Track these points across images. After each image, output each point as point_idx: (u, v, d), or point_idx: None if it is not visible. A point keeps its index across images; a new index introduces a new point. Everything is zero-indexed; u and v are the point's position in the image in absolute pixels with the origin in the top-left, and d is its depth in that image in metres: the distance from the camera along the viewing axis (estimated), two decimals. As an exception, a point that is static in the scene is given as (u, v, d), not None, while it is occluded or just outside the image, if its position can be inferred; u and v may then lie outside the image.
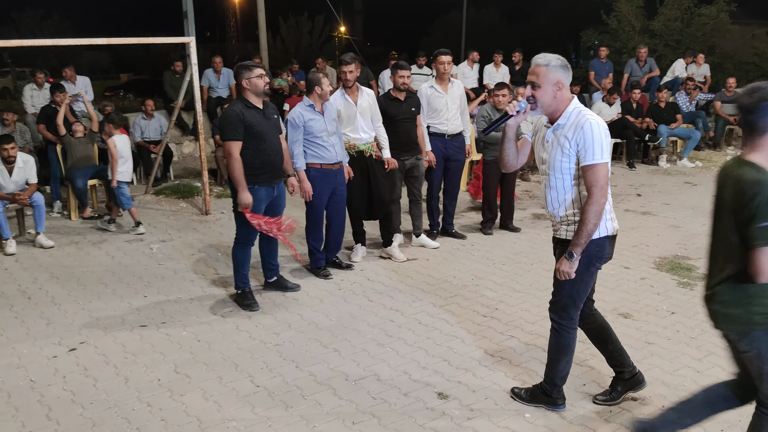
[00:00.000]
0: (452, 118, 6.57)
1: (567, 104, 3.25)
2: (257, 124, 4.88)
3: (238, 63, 5.10)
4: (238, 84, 4.96)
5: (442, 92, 6.51)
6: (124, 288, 5.59)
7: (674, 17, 16.90)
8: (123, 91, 29.08)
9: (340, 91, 5.85)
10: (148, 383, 3.96)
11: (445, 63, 6.45)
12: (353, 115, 5.81)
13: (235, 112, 4.85)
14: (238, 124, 4.82)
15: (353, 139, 5.85)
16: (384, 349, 4.39)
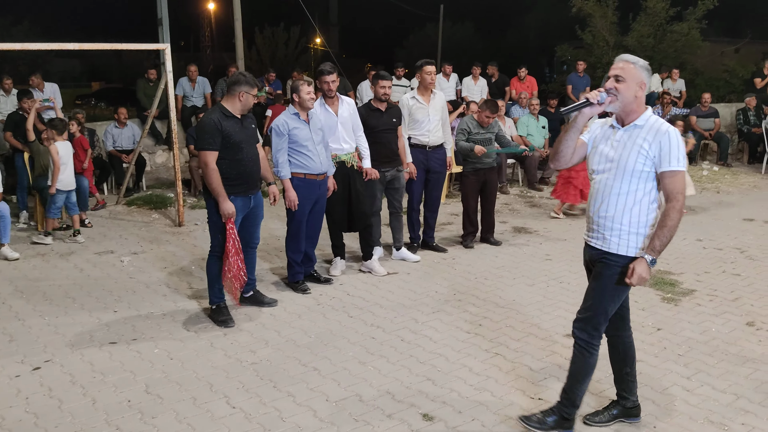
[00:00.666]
0: (434, 130, 6.46)
1: (643, 108, 3.15)
2: (234, 134, 4.72)
3: (240, 72, 4.97)
4: (232, 91, 4.75)
5: (424, 103, 6.41)
6: (92, 302, 5.36)
7: (647, 33, 17.10)
8: (94, 99, 28.64)
9: (320, 101, 5.71)
10: (117, 405, 3.75)
11: (431, 73, 6.36)
12: (334, 126, 5.67)
13: (213, 120, 4.68)
14: (215, 134, 4.65)
15: (335, 149, 5.70)
16: (366, 367, 4.22)
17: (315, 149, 5.39)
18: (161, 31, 11.38)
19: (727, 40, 27.57)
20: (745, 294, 5.54)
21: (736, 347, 4.50)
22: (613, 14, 17.23)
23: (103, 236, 7.35)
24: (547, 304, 5.31)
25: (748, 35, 24.30)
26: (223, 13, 39.46)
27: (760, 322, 4.94)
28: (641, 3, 17.14)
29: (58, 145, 7.10)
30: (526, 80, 12.43)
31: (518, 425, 3.52)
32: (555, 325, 4.88)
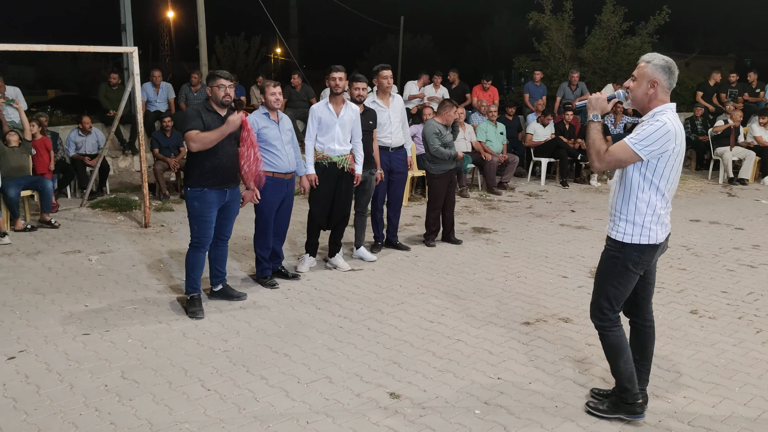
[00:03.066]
0: (395, 132, 6.71)
1: (658, 105, 3.28)
2: (213, 126, 4.89)
3: (212, 70, 5.19)
4: (208, 88, 4.99)
5: (384, 106, 6.65)
6: (63, 298, 5.43)
7: (601, 47, 17.65)
8: (50, 107, 28.19)
9: (324, 100, 5.96)
10: (94, 389, 3.87)
11: (387, 77, 6.61)
12: (332, 125, 5.88)
13: (195, 109, 5.00)
14: (196, 117, 4.89)
15: (328, 150, 5.90)
16: (334, 353, 4.42)
17: (283, 149, 5.58)
18: (125, 36, 11.43)
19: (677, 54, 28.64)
20: (689, 286, 5.89)
21: (680, 332, 4.82)
22: (569, 27, 17.76)
23: (69, 237, 7.39)
24: (506, 297, 5.58)
25: (696, 50, 25.24)
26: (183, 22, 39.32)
27: (702, 310, 5.28)
28: (596, 17, 17.71)
29: None
30: (490, 90, 12.79)
31: (477, 401, 3.76)
32: (513, 315, 5.15)
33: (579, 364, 4.28)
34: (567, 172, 11.32)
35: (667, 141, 3.20)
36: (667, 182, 3.31)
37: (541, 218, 8.70)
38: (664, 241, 3.41)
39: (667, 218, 3.39)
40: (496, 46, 42.87)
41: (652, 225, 3.33)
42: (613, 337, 3.53)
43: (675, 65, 3.29)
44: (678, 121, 3.29)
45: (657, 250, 3.39)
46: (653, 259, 3.43)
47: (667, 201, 3.35)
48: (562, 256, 6.83)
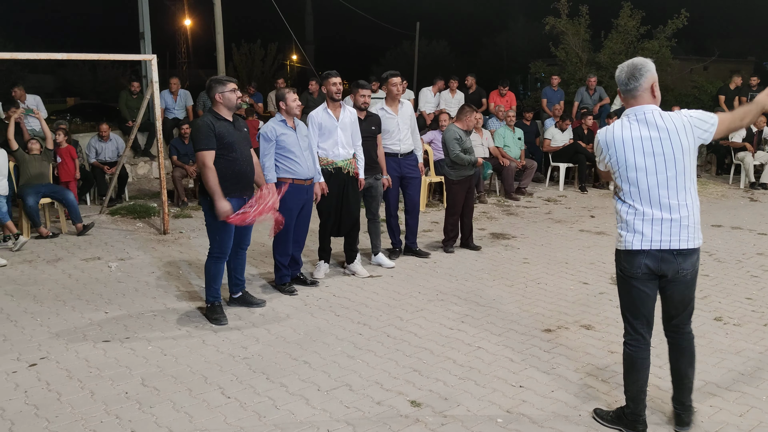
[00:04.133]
0: (404, 138, 6.71)
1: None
2: (228, 135, 4.89)
3: (210, 78, 5.11)
4: (211, 98, 4.95)
5: (392, 113, 6.65)
6: (83, 305, 5.46)
7: (619, 51, 17.53)
8: (70, 114, 28.50)
9: (323, 105, 5.94)
10: (115, 396, 3.87)
11: (397, 84, 6.61)
12: (333, 130, 5.87)
13: (206, 122, 4.86)
14: (209, 134, 4.82)
15: (332, 155, 5.89)
16: (354, 360, 4.39)
17: (302, 155, 5.58)
18: (143, 44, 11.52)
19: (695, 58, 28.41)
20: (713, 293, 5.80)
21: (705, 339, 4.73)
22: (586, 32, 17.66)
23: (89, 244, 7.43)
24: (526, 303, 5.52)
25: (715, 53, 24.99)
26: (200, 30, 39.64)
27: (726, 317, 5.19)
28: (613, 21, 17.60)
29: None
30: (507, 95, 12.74)
31: (499, 409, 3.72)
32: (534, 322, 5.10)
33: (601, 372, 4.22)
34: (586, 177, 11.24)
35: (599, 151, 3.32)
36: (628, 189, 3.23)
37: (561, 224, 8.63)
38: (653, 251, 3.21)
39: (644, 226, 3.20)
40: (512, 51, 42.81)
41: (621, 231, 3.30)
42: (626, 351, 3.48)
43: (625, 65, 3.23)
44: (622, 125, 3.22)
45: (637, 258, 3.24)
46: (636, 267, 3.25)
47: (633, 208, 3.22)
48: (582, 262, 6.77)
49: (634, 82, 3.17)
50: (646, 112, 3.19)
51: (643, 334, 3.41)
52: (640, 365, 3.43)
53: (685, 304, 3.38)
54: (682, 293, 3.34)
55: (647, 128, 3.17)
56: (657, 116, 3.18)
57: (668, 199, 3.18)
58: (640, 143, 3.17)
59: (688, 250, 3.23)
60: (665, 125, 3.15)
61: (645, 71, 3.18)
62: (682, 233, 3.20)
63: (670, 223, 3.18)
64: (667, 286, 3.33)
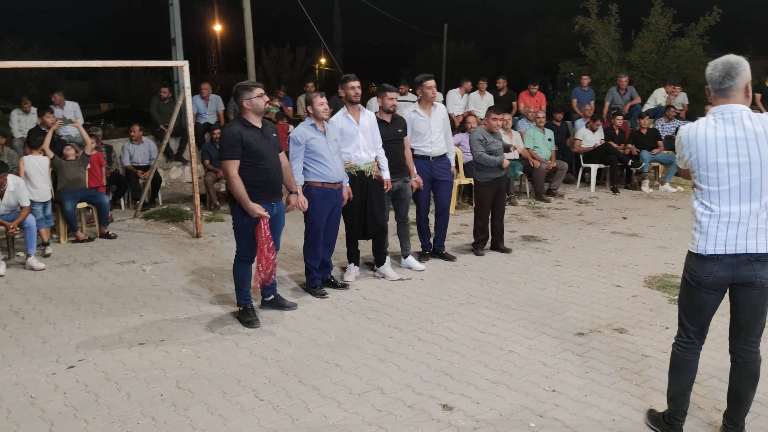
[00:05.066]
0: (436, 141, 6.70)
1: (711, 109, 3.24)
2: (255, 143, 4.93)
3: (237, 84, 5.16)
4: (239, 105, 5.01)
5: (425, 116, 6.65)
6: (119, 308, 5.56)
7: (650, 49, 17.33)
8: (104, 120, 29.01)
9: (342, 110, 5.96)
10: (150, 398, 3.94)
11: (432, 87, 6.61)
12: (355, 134, 5.90)
13: (232, 131, 4.91)
14: (236, 144, 4.87)
15: (354, 159, 5.92)
16: (386, 364, 4.41)
17: (332, 159, 5.61)
18: (174, 50, 11.70)
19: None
20: None
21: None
22: (616, 31, 17.48)
23: (124, 247, 7.56)
24: (558, 306, 5.49)
25: (750, 51, 24.53)
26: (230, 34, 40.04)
27: None
28: (643, 20, 17.39)
29: (27, 159, 7.38)
30: (536, 95, 12.66)
31: (532, 414, 3.70)
32: (566, 325, 5.06)
33: (636, 377, 4.17)
34: (617, 179, 11.12)
35: (680, 148, 3.24)
36: (707, 189, 3.13)
37: (592, 226, 8.55)
38: (728, 256, 3.10)
39: (719, 229, 3.10)
40: (541, 51, 42.48)
41: (695, 233, 3.21)
42: (673, 351, 3.44)
43: (719, 63, 3.11)
44: (707, 123, 3.12)
45: (709, 264, 3.15)
46: (707, 273, 3.17)
47: (709, 209, 3.12)
48: (615, 264, 6.70)
49: (730, 81, 3.07)
50: (734, 111, 3.08)
51: (695, 340, 3.36)
52: (684, 367, 3.38)
53: (758, 315, 3.23)
54: (755, 301, 3.19)
55: (733, 128, 3.06)
56: (745, 116, 3.07)
57: (749, 203, 3.06)
58: (724, 143, 3.07)
59: (766, 256, 3.10)
60: (753, 127, 3.04)
61: (741, 70, 3.07)
62: (760, 238, 3.08)
63: (747, 226, 3.08)
64: (740, 293, 3.20)
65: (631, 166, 11.24)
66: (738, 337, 3.31)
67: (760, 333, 3.29)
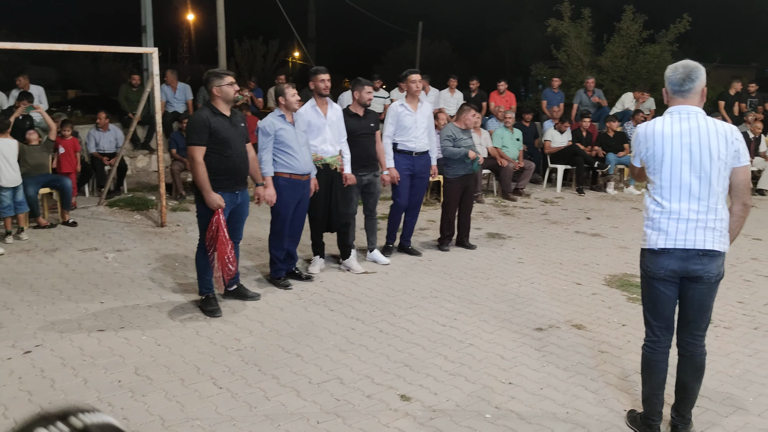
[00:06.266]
0: (420, 137, 6.72)
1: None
2: (223, 131, 4.92)
3: (208, 71, 5.13)
4: (209, 91, 4.99)
5: (411, 111, 6.67)
6: (79, 294, 5.50)
7: (620, 54, 17.58)
8: (71, 107, 28.51)
9: (311, 102, 5.96)
10: (108, 384, 3.91)
11: (416, 82, 6.63)
12: (322, 127, 5.91)
13: (201, 117, 4.89)
14: (203, 129, 4.85)
15: (320, 152, 5.92)
16: (346, 354, 4.43)
17: (300, 150, 5.61)
18: (145, 37, 11.55)
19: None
20: (705, 296, 5.84)
21: (694, 341, 4.77)
22: (588, 35, 17.70)
23: (87, 234, 7.47)
24: (519, 302, 5.56)
25: (717, 59, 25.01)
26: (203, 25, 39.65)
27: (717, 320, 5.23)
28: (615, 25, 17.64)
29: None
30: (506, 94, 12.78)
31: (488, 405, 3.76)
32: (526, 320, 5.13)
33: (591, 371, 4.26)
34: (583, 180, 11.29)
35: (637, 144, 3.34)
36: (660, 183, 3.25)
37: (556, 225, 8.67)
38: (678, 250, 3.20)
39: (669, 224, 3.22)
40: (515, 52, 42.79)
41: (647, 229, 3.33)
42: (643, 352, 3.53)
43: (680, 66, 3.25)
44: (664, 121, 3.24)
45: (660, 258, 3.26)
46: (659, 268, 3.27)
47: (660, 205, 3.24)
48: (576, 263, 6.81)
49: (690, 83, 3.21)
50: (690, 112, 3.22)
51: (661, 337, 3.45)
52: (655, 367, 3.47)
53: (704, 310, 3.35)
54: (702, 296, 3.31)
55: (688, 126, 3.19)
56: (701, 117, 3.21)
57: (698, 200, 3.17)
58: (679, 139, 3.18)
59: (714, 252, 3.20)
60: (707, 126, 3.17)
61: (700, 74, 3.23)
62: (707, 234, 3.19)
63: (696, 223, 3.18)
64: (689, 287, 3.31)
65: (597, 168, 11.42)
66: (685, 330, 3.41)
67: (705, 327, 3.41)
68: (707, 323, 3.41)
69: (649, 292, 3.42)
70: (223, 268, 4.95)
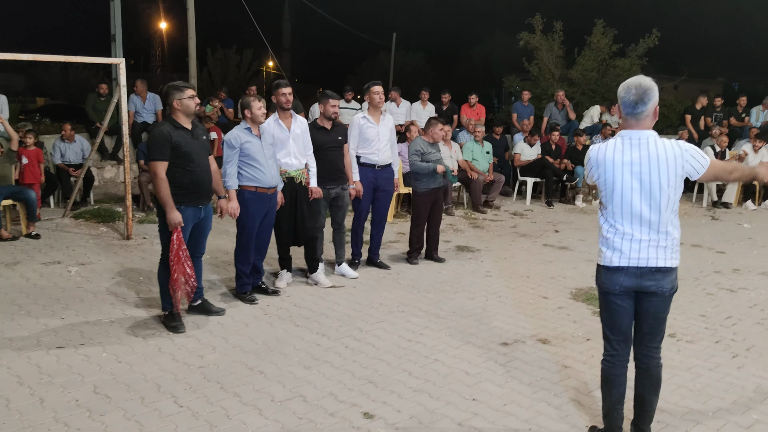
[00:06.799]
0: (383, 149, 6.72)
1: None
2: (185, 144, 4.87)
3: (167, 84, 5.09)
4: (169, 104, 4.94)
5: (374, 123, 6.67)
6: (39, 309, 5.39)
7: (591, 68, 17.83)
8: (39, 115, 28.10)
9: (274, 116, 5.93)
10: (65, 404, 3.83)
11: (379, 93, 6.63)
12: (286, 140, 5.88)
13: (162, 132, 4.84)
14: (164, 144, 4.80)
15: (284, 165, 5.90)
16: (310, 371, 4.39)
17: (266, 163, 5.58)
18: (114, 46, 11.45)
19: (666, 77, 28.96)
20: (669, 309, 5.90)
21: (657, 356, 4.82)
22: (559, 48, 17.92)
23: (50, 247, 7.34)
24: (486, 316, 5.57)
25: (684, 73, 25.49)
26: (176, 34, 39.40)
27: (680, 333, 5.29)
28: (586, 38, 17.88)
29: None
30: (476, 107, 12.87)
31: (451, 422, 3.75)
32: (492, 335, 5.14)
33: (555, 387, 4.27)
34: (552, 192, 11.39)
35: (589, 167, 3.38)
36: (612, 209, 3.29)
37: (525, 238, 8.73)
38: (632, 267, 3.26)
39: (623, 244, 3.26)
40: (488, 64, 43.18)
41: (602, 247, 3.37)
42: (602, 367, 3.54)
43: (632, 86, 3.21)
44: (615, 146, 3.25)
45: (616, 275, 3.30)
46: (614, 284, 3.32)
47: (614, 228, 3.28)
48: (543, 276, 6.85)
49: (642, 106, 3.18)
50: (641, 138, 3.21)
51: (620, 350, 3.47)
52: (614, 381, 3.48)
53: (659, 323, 3.40)
54: (657, 310, 3.35)
55: (639, 152, 3.19)
56: (651, 142, 3.20)
57: (649, 225, 3.22)
58: (629, 167, 3.20)
59: (667, 268, 3.27)
60: (657, 152, 3.18)
61: (653, 95, 3.18)
62: (660, 253, 3.24)
63: (648, 243, 3.23)
64: (644, 301, 3.35)
65: (565, 181, 11.53)
66: (641, 343, 3.46)
67: (660, 339, 3.46)
68: (662, 336, 3.46)
69: (606, 306, 3.45)
70: (180, 287, 4.89)
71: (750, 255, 8.10)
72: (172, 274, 4.85)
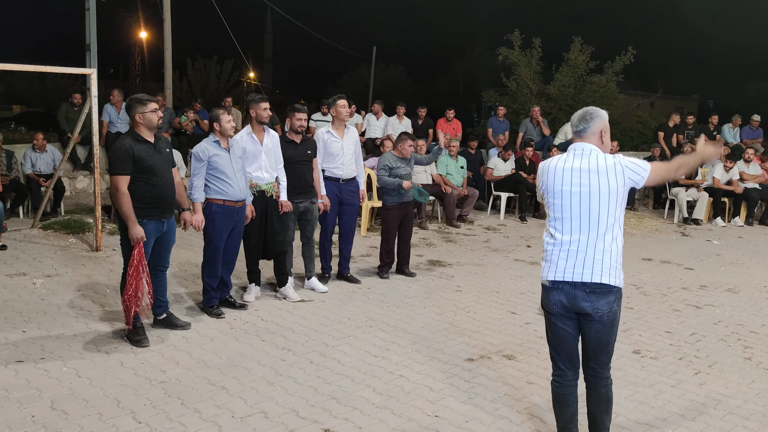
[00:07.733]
0: (347, 163, 6.74)
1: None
2: (147, 158, 4.84)
3: (130, 97, 5.07)
4: (131, 118, 4.91)
5: (338, 137, 6.68)
6: (1, 323, 5.30)
7: (568, 83, 18.02)
8: (14, 123, 27.79)
9: (247, 128, 5.92)
10: (20, 420, 3.76)
11: (345, 107, 6.65)
12: (258, 154, 5.87)
13: (123, 146, 4.80)
14: (126, 158, 4.77)
15: (255, 178, 5.88)
16: (273, 387, 4.36)
17: (235, 176, 5.56)
18: (88, 56, 11.37)
19: (642, 94, 29.42)
20: (635, 326, 5.96)
21: (621, 372, 4.84)
22: (537, 64, 18.09)
23: (16, 259, 7.24)
24: (453, 332, 5.58)
25: (659, 91, 25.88)
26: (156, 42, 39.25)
27: (645, 350, 5.34)
28: (563, 55, 18.08)
29: None
30: (453, 122, 12.94)
31: (413, 439, 3.74)
32: (458, 351, 5.15)
33: (517, 403, 4.28)
34: (526, 207, 11.46)
35: (539, 178, 3.54)
36: (552, 215, 3.42)
37: (497, 252, 8.76)
38: (566, 285, 3.31)
39: (560, 256, 3.34)
40: (468, 78, 43.52)
41: (542, 263, 3.47)
42: (552, 387, 3.56)
43: (580, 110, 3.46)
44: (561, 157, 3.43)
45: (552, 293, 3.39)
46: (552, 303, 3.40)
47: (553, 237, 3.40)
48: (513, 291, 6.88)
49: (584, 124, 3.39)
50: (584, 149, 3.37)
51: (566, 371, 3.49)
52: (563, 401, 3.51)
53: (601, 346, 3.40)
54: (598, 334, 3.36)
55: (580, 161, 3.33)
56: (593, 153, 3.35)
57: (587, 231, 3.29)
58: (570, 173, 3.33)
59: (601, 287, 3.27)
60: (597, 163, 3.31)
61: (596, 116, 3.39)
62: (596, 267, 3.27)
63: (584, 254, 3.28)
64: (584, 324, 3.38)
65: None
66: (587, 364, 3.49)
67: (608, 361, 3.47)
68: (610, 356, 3.47)
69: (548, 327, 3.51)
70: (135, 303, 4.83)
71: (717, 271, 8.20)
72: (127, 289, 4.81)
